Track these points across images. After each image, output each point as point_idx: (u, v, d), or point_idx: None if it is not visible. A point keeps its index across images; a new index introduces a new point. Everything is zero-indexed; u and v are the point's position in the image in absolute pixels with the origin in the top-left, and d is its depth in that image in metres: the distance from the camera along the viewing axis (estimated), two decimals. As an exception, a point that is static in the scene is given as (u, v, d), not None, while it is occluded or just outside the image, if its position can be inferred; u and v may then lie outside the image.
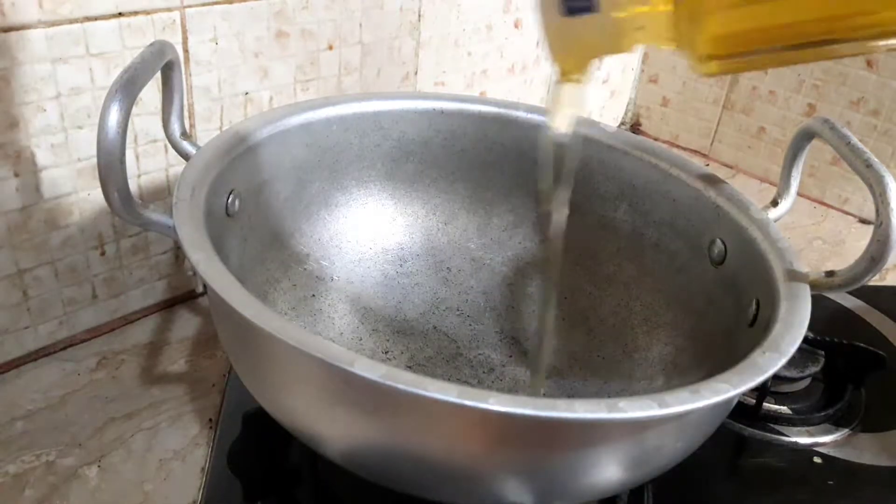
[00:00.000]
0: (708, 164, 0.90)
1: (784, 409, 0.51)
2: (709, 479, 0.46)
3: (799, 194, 0.47)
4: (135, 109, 0.34)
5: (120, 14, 0.45)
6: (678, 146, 0.94)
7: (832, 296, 0.63)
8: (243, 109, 0.54)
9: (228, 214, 0.42)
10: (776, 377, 0.43)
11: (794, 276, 0.38)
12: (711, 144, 0.91)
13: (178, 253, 0.55)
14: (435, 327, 0.53)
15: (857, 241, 0.77)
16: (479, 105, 0.54)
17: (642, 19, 0.31)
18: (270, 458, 0.43)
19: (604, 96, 0.91)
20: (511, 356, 0.51)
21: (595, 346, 0.50)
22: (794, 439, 0.49)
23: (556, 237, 0.43)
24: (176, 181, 0.38)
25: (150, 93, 0.47)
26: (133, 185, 0.50)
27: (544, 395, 0.48)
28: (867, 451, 0.48)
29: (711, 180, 0.46)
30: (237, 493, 0.41)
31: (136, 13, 0.45)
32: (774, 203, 0.46)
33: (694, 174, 0.47)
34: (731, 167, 0.90)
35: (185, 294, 0.57)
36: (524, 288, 0.55)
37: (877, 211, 0.36)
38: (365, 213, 0.55)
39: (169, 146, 0.43)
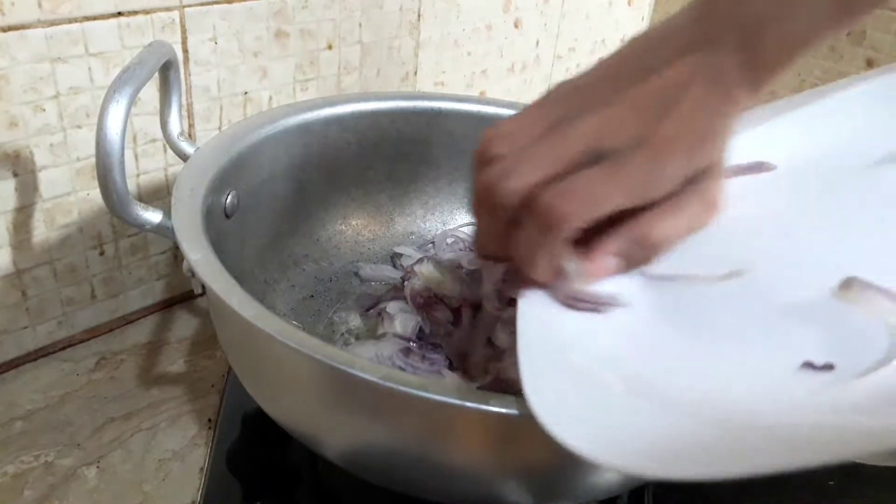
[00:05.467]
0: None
1: (784, 409, 0.50)
2: (708, 479, 0.46)
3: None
4: (134, 109, 0.34)
5: (119, 14, 0.45)
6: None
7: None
8: (242, 109, 0.54)
9: (227, 215, 0.42)
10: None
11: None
12: (711, 144, 0.91)
13: (176, 253, 0.55)
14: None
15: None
16: (478, 105, 0.54)
17: None
18: (269, 458, 0.43)
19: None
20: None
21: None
22: (793, 439, 0.49)
23: None
24: (175, 181, 0.38)
25: (150, 92, 0.47)
26: (132, 185, 0.50)
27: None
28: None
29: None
30: (236, 494, 0.41)
31: (135, 13, 0.45)
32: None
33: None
34: (730, 167, 0.89)
35: (184, 294, 0.57)
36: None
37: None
38: (363, 214, 0.55)
39: (168, 146, 0.43)
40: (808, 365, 0.26)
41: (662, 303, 0.31)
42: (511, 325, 0.36)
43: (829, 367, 0.26)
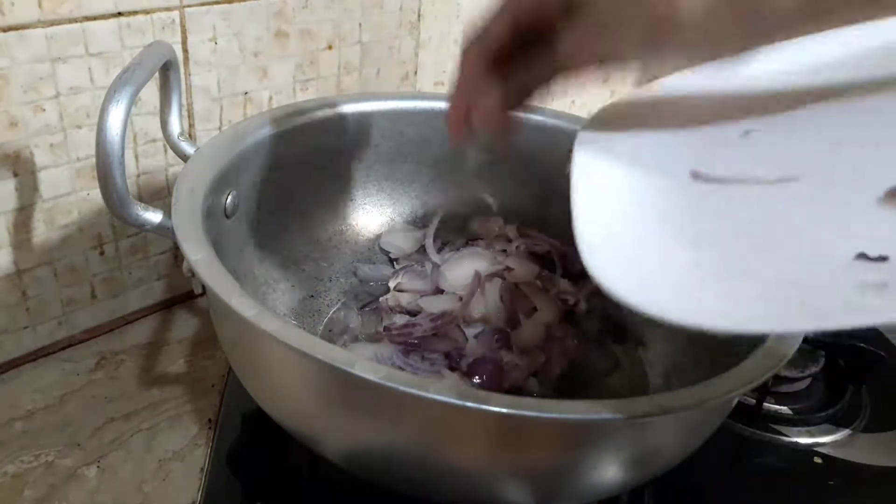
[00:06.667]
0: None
1: (784, 409, 0.51)
2: (709, 479, 0.46)
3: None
4: (134, 109, 0.34)
5: (119, 14, 0.45)
6: (678, 146, 0.93)
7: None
8: (242, 109, 0.54)
9: (227, 215, 0.42)
10: (776, 377, 0.43)
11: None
12: (711, 144, 0.91)
13: (176, 253, 0.55)
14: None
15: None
16: (478, 105, 0.54)
17: None
18: (270, 458, 0.43)
19: (604, 96, 0.91)
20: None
21: (595, 345, 0.50)
22: (794, 439, 0.49)
23: None
24: (175, 181, 0.38)
25: (150, 92, 0.47)
26: (132, 185, 0.50)
27: (544, 396, 0.48)
28: (868, 451, 0.48)
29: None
30: (236, 494, 0.41)
31: (135, 13, 0.45)
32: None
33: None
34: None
35: (184, 294, 0.57)
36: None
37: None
38: (363, 214, 0.55)
39: (168, 146, 0.43)
40: (863, 256, 0.26)
41: (713, 201, 0.32)
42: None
43: (883, 258, 0.26)
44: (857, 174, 0.31)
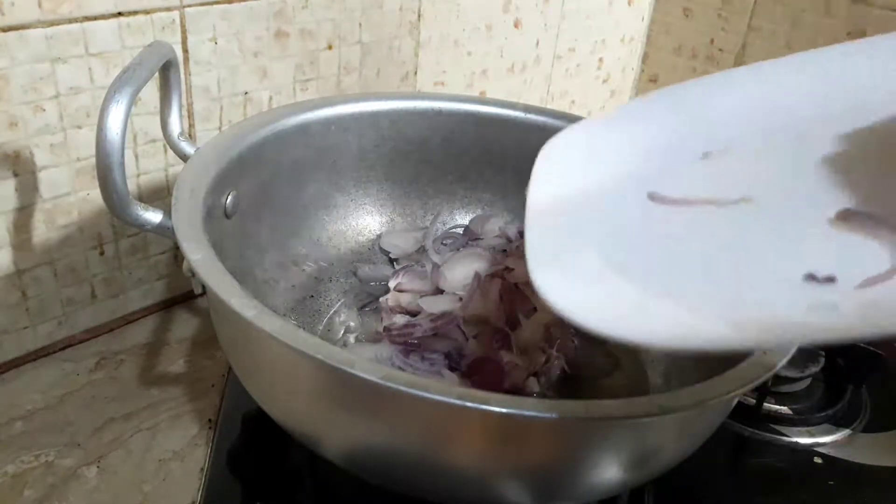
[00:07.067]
0: (707, 164, 0.90)
1: (784, 409, 0.50)
2: (709, 479, 0.46)
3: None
4: (134, 109, 0.34)
5: (119, 14, 0.45)
6: (678, 146, 0.93)
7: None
8: (242, 109, 0.54)
9: (227, 215, 0.42)
10: (776, 377, 0.43)
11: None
12: (711, 144, 0.91)
13: (176, 253, 0.55)
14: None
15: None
16: (478, 105, 0.54)
17: None
18: (270, 459, 0.43)
19: (604, 96, 0.91)
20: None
21: (595, 345, 0.50)
22: (794, 439, 0.49)
23: None
24: (175, 181, 0.38)
25: (150, 92, 0.47)
26: (132, 186, 0.50)
27: (543, 396, 0.48)
28: (868, 451, 0.48)
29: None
30: (236, 494, 0.41)
31: (135, 13, 0.45)
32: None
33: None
34: (730, 167, 0.89)
35: (184, 294, 0.57)
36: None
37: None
38: (363, 214, 0.55)
39: (168, 146, 0.43)
40: (811, 277, 0.26)
41: (676, 223, 0.33)
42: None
43: (830, 279, 0.26)
44: (812, 194, 0.32)
